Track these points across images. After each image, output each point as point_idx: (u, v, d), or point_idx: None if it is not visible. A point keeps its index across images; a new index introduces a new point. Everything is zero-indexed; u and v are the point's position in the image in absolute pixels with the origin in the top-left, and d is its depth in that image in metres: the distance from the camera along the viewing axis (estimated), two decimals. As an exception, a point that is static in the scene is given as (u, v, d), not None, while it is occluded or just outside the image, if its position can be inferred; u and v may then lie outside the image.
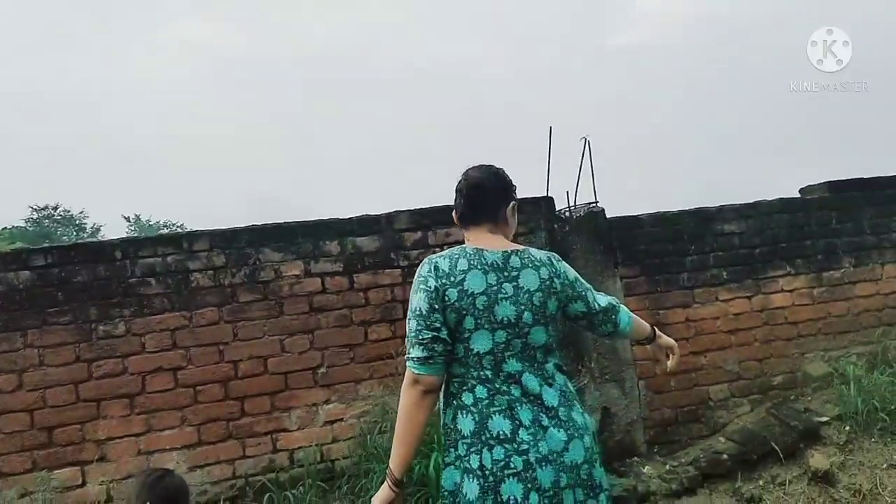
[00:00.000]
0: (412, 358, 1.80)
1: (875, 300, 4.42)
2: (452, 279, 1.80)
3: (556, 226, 3.99)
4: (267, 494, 3.38)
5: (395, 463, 1.85)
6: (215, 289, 3.59)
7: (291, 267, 3.69)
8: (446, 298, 1.78)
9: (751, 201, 4.36)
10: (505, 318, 1.82)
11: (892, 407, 3.86)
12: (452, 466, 1.84)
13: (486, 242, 1.93)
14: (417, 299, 1.81)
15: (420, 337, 1.78)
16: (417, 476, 3.19)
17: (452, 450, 1.84)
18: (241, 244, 3.64)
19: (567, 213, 4.14)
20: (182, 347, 3.52)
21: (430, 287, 1.80)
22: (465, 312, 1.78)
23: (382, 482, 3.05)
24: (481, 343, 1.80)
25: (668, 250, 4.17)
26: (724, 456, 3.71)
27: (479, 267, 1.83)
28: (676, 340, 4.01)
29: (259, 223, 3.71)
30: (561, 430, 1.84)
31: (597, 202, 4.10)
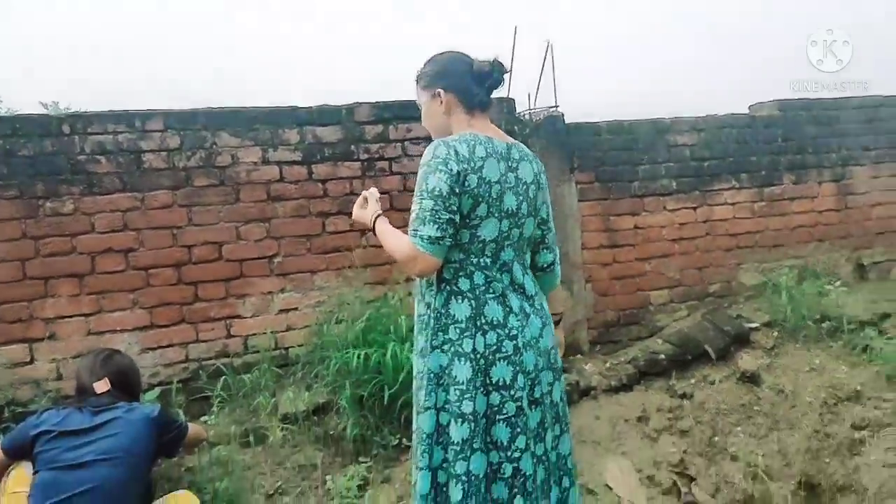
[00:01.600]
0: (423, 235, 1.83)
1: (810, 216, 4.77)
2: (472, 165, 1.86)
3: (515, 127, 4.11)
4: (222, 378, 3.50)
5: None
6: (169, 171, 3.58)
7: (249, 153, 3.70)
8: (466, 184, 1.85)
9: (703, 115, 4.58)
10: (509, 208, 1.94)
11: (817, 316, 4.25)
12: (439, 350, 1.93)
13: (492, 131, 2.03)
14: (436, 179, 1.83)
15: (437, 216, 1.82)
16: (374, 364, 3.36)
17: (441, 334, 1.93)
18: (197, 126, 3.62)
19: (527, 116, 4.26)
20: (133, 229, 3.53)
21: (451, 170, 1.84)
22: (480, 199, 1.87)
23: (337, 368, 3.24)
24: (489, 231, 1.90)
25: (622, 158, 4.36)
26: (661, 356, 4.03)
27: (494, 155, 1.92)
28: (623, 247, 4.35)
29: (217, 105, 3.69)
30: (537, 317, 2.03)
31: (557, 107, 4.23)
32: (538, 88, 4.34)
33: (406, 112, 3.92)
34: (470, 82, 2.04)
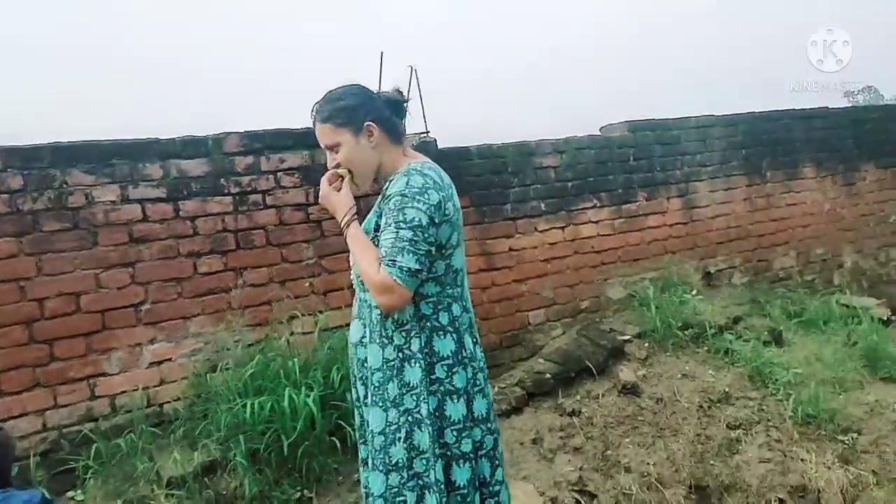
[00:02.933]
0: (402, 266, 1.77)
1: (662, 230, 5.19)
2: (447, 192, 1.86)
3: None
4: (94, 445, 3.18)
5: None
6: (12, 216, 3.21)
7: (106, 191, 3.41)
8: (446, 212, 1.83)
9: (563, 137, 4.85)
10: (464, 235, 1.96)
11: (680, 324, 4.62)
12: (423, 395, 1.86)
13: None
14: (414, 210, 1.79)
15: (417, 247, 1.78)
16: (267, 413, 3.21)
17: (423, 374, 1.86)
18: (43, 164, 3.28)
19: (399, 143, 4.29)
20: (-28, 284, 3.13)
21: (430, 199, 1.81)
22: (454, 227, 1.87)
23: (224, 423, 3.02)
24: (458, 259, 1.90)
25: (494, 182, 4.51)
26: (547, 375, 4.19)
27: (449, 181, 1.93)
28: (501, 269, 4.49)
29: (64, 141, 3.37)
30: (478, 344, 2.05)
31: (428, 132, 4.30)
32: (405, 115, 4.39)
33: (279, 142, 3.81)
34: (390, 113, 2.02)
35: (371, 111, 1.98)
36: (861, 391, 4.24)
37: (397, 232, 1.79)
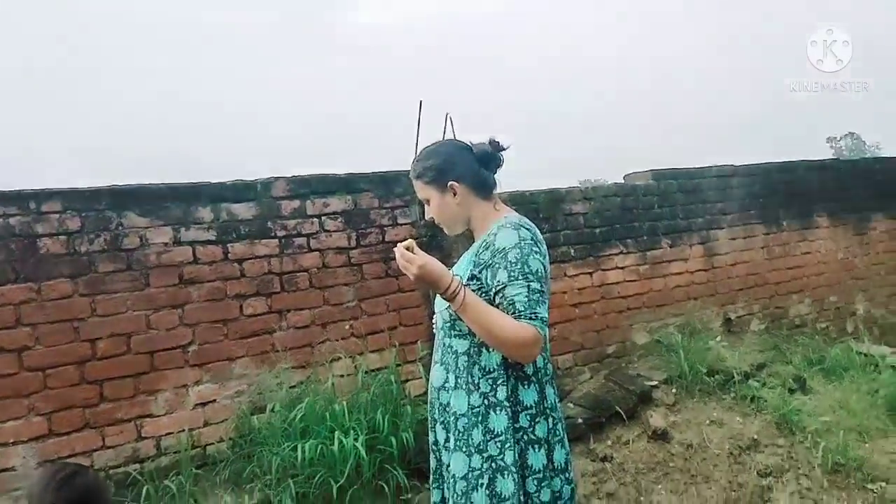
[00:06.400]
0: (543, 318, 1.83)
1: (684, 277, 5.31)
2: (545, 246, 1.95)
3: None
4: (144, 487, 3.20)
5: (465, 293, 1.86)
6: (69, 257, 3.27)
7: (159, 234, 3.48)
8: (546, 265, 1.92)
9: (591, 185, 4.98)
10: None
11: (705, 370, 4.70)
12: (509, 442, 1.90)
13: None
14: (535, 261, 1.86)
15: (545, 297, 1.85)
16: (316, 456, 3.25)
17: (508, 422, 1.90)
18: (101, 206, 3.36)
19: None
20: (28, 324, 3.17)
21: (542, 252, 1.91)
22: (547, 280, 1.94)
23: (268, 466, 3.06)
24: (546, 309, 1.94)
25: (526, 228, 4.60)
26: (578, 420, 4.25)
27: None
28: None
29: (121, 184, 3.45)
30: None
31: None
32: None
33: (323, 186, 3.91)
34: (478, 168, 2.07)
35: (456, 170, 2.04)
36: (885, 440, 4.33)
37: (528, 285, 1.83)
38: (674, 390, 4.61)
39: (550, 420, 1.97)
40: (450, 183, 2.03)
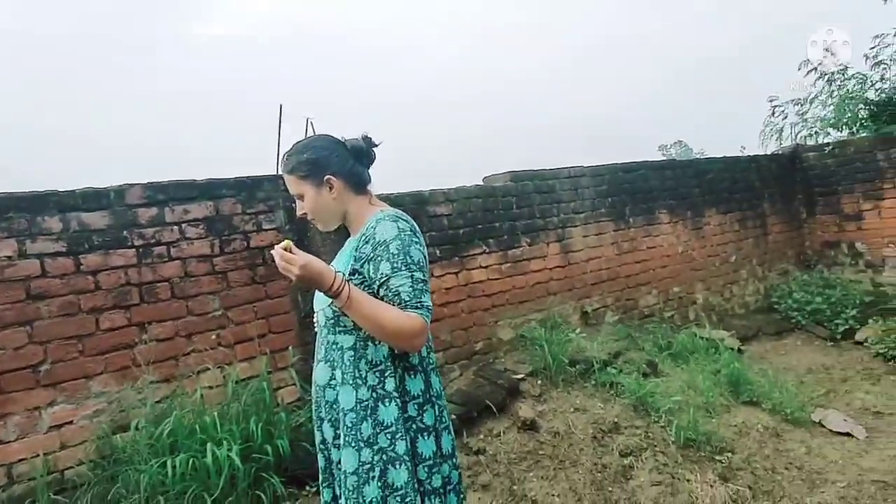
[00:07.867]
0: (428, 307, 1.90)
1: (543, 273, 5.56)
2: (423, 237, 2.00)
3: (293, 204, 4.18)
4: (-6, 519, 2.96)
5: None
6: None
7: (1, 246, 3.24)
8: (425, 255, 1.98)
9: (454, 187, 5.12)
10: None
11: (567, 361, 4.95)
12: (400, 433, 1.91)
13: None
14: (416, 251, 1.92)
15: (427, 286, 1.90)
16: (189, 470, 3.14)
17: (398, 412, 1.93)
18: (-68, 218, 3.09)
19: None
20: None
21: (422, 242, 1.96)
22: (427, 269, 1.99)
23: (135, 486, 2.97)
24: (429, 297, 1.99)
25: (392, 230, 4.66)
26: (452, 416, 4.35)
27: None
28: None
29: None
30: None
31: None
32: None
33: (183, 193, 3.78)
34: (353, 163, 2.09)
35: (332, 164, 2.05)
36: (729, 414, 4.74)
37: (412, 275, 1.88)
38: (539, 382, 4.82)
39: (437, 408, 2.02)
40: (326, 177, 2.04)
